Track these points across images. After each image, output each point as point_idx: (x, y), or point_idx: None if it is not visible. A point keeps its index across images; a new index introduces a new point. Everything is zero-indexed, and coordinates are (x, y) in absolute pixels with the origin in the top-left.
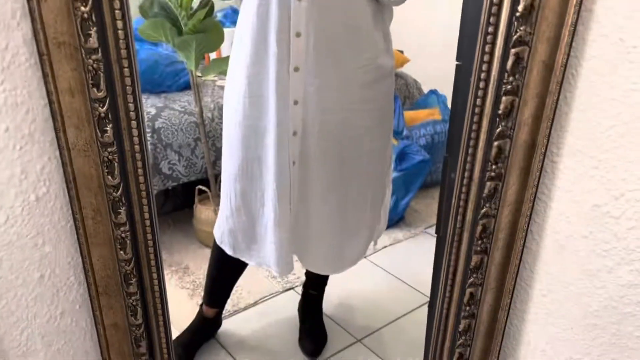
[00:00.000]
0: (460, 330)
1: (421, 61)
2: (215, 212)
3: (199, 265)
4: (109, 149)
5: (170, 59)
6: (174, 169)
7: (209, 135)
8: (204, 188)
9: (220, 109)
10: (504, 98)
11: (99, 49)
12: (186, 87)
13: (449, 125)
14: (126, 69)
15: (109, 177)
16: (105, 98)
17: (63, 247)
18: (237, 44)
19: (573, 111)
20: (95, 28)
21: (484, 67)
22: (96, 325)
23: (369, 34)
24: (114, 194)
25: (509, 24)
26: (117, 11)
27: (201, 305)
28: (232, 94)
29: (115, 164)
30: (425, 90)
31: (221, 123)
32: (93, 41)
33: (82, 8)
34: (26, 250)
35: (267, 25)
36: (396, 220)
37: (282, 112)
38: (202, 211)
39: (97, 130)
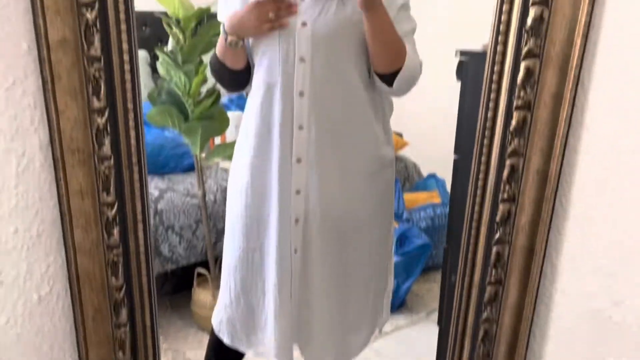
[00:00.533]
0: None
1: (420, 145)
2: (214, 295)
3: (196, 352)
4: (115, 251)
5: (176, 142)
6: (174, 252)
7: (210, 217)
8: (203, 271)
9: (223, 191)
10: (500, 206)
11: (112, 157)
12: (190, 168)
13: (448, 217)
14: (136, 175)
15: (113, 278)
16: (114, 202)
17: (62, 347)
18: (242, 135)
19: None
20: (109, 137)
21: (481, 176)
22: None
23: (370, 126)
24: (117, 295)
25: (504, 136)
26: (130, 121)
27: None
28: (236, 185)
29: (120, 266)
30: (425, 173)
31: (223, 205)
32: (106, 149)
33: (98, 120)
34: (27, 351)
35: (271, 119)
36: (398, 305)
37: (284, 202)
38: (200, 294)
39: (104, 233)
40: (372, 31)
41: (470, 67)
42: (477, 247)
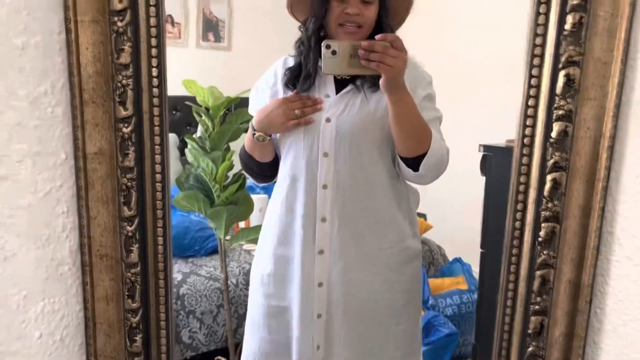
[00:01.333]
0: None
1: (444, 227)
2: None
3: None
4: (136, 359)
5: (201, 225)
6: (194, 338)
7: (232, 301)
8: (222, 359)
9: (245, 274)
10: (532, 318)
11: (139, 264)
12: (214, 251)
13: (476, 312)
14: (162, 282)
15: None
16: (139, 309)
17: None
18: (267, 223)
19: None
20: (137, 245)
21: (511, 286)
22: None
23: (394, 219)
24: None
25: (533, 247)
26: (159, 229)
27: None
28: (258, 272)
29: None
30: (450, 257)
31: (245, 289)
32: (134, 256)
33: (128, 227)
34: None
35: (295, 210)
36: None
37: (307, 294)
38: None
39: (127, 339)
40: (395, 113)
41: (494, 162)
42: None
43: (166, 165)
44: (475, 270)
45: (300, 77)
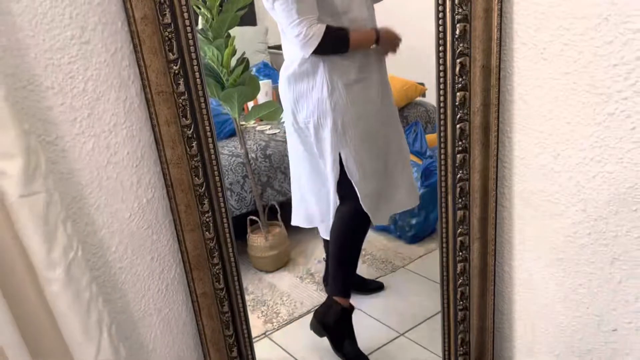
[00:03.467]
0: (457, 272)
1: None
2: (267, 238)
3: (257, 287)
4: (195, 159)
5: (216, 112)
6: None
7: (254, 172)
8: (254, 218)
9: (262, 149)
10: (458, 94)
11: (185, 92)
12: (232, 134)
13: None
14: (203, 104)
15: (196, 177)
16: (191, 124)
17: (165, 235)
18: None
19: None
20: (182, 79)
21: (441, 74)
22: (190, 295)
23: None
24: (199, 190)
25: (452, 42)
26: (195, 66)
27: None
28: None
29: (200, 170)
30: None
31: (264, 162)
32: (181, 87)
33: (174, 67)
34: (141, 238)
35: None
36: (429, 232)
37: None
38: (254, 240)
39: (187, 147)
40: None
41: None
42: (446, 126)
43: (192, 20)
44: None
45: None
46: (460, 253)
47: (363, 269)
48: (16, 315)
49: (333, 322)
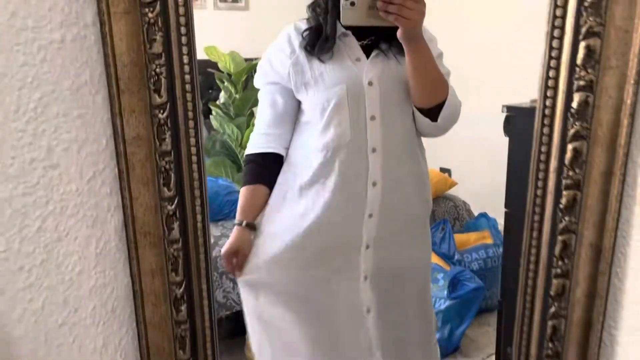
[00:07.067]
0: None
1: (469, 183)
2: None
3: None
4: (182, 326)
5: (229, 189)
6: (227, 297)
7: None
8: None
9: None
10: (554, 281)
11: (180, 240)
12: None
13: (502, 269)
14: (202, 255)
15: (181, 351)
16: (182, 282)
17: None
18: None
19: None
20: (177, 222)
21: (533, 251)
22: None
23: (426, 177)
24: None
25: (554, 214)
26: (197, 207)
27: None
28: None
29: (187, 341)
30: (475, 212)
31: None
32: (175, 233)
33: (169, 207)
34: None
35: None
36: (452, 350)
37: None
38: None
39: (172, 309)
40: (413, 63)
41: (517, 122)
42: (532, 320)
43: (201, 148)
44: (501, 223)
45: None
46: None
47: None
48: None
49: None
